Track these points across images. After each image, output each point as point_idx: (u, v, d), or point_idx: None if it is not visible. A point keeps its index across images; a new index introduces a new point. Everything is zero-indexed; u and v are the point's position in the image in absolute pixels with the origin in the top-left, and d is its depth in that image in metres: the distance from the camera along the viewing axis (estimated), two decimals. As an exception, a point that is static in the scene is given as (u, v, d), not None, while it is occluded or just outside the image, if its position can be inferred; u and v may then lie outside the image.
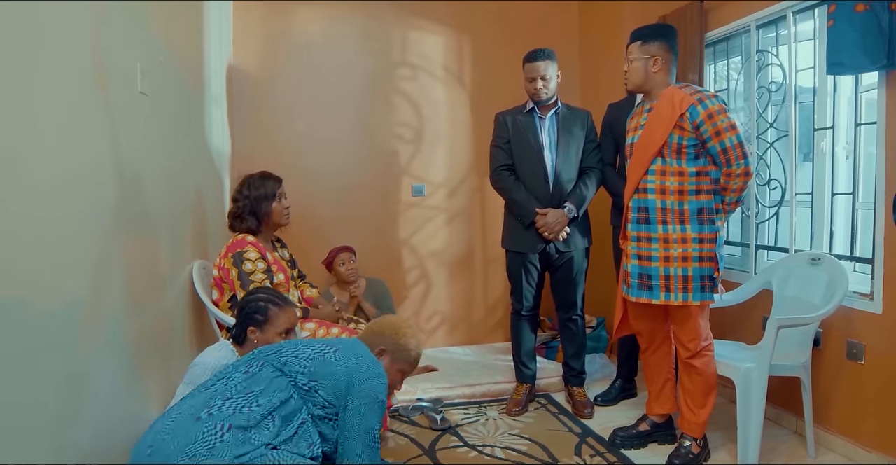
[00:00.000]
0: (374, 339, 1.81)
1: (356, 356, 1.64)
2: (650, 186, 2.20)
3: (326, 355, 1.61)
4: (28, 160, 1.19)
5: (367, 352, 1.71)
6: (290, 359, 1.58)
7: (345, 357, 1.61)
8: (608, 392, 2.93)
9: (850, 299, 2.26)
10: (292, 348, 1.63)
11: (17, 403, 1.11)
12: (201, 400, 1.46)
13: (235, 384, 1.50)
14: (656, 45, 2.21)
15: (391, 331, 1.83)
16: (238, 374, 1.54)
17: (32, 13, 1.21)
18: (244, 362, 1.60)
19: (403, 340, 1.82)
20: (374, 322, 1.90)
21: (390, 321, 1.88)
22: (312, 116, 3.51)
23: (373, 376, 1.61)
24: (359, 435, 1.55)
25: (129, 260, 1.70)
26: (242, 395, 1.47)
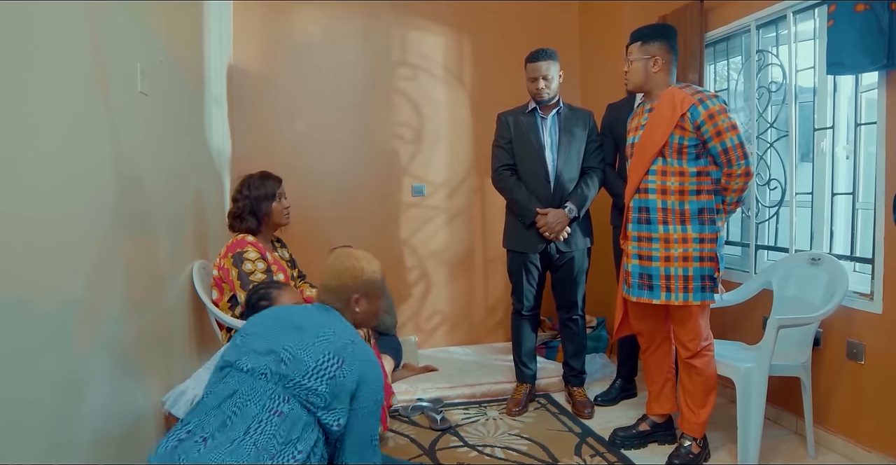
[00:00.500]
0: (342, 294, 1.64)
1: (359, 360, 1.52)
2: (651, 186, 2.20)
3: (336, 374, 1.47)
4: (28, 160, 1.19)
5: (363, 347, 1.56)
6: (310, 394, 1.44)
7: (350, 368, 1.49)
8: (608, 392, 2.93)
9: (850, 299, 2.26)
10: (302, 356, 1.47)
11: (16, 402, 1.11)
12: (247, 459, 1.31)
13: (274, 433, 1.37)
14: (656, 45, 2.21)
15: (350, 276, 1.65)
16: (268, 414, 1.39)
17: (32, 13, 1.21)
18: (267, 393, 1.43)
19: (365, 275, 1.66)
20: (328, 272, 1.67)
21: (342, 266, 1.67)
22: (312, 116, 3.51)
23: (374, 378, 1.55)
24: (362, 438, 1.51)
25: (129, 260, 1.70)
26: (284, 447, 1.36)
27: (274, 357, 1.47)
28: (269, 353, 1.47)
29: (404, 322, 3.68)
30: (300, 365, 1.44)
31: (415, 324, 3.73)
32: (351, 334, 1.58)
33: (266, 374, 1.44)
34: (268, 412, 1.40)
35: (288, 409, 1.41)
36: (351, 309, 1.66)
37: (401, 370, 3.19)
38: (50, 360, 1.25)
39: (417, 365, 3.32)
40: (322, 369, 1.45)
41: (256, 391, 1.42)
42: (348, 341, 1.53)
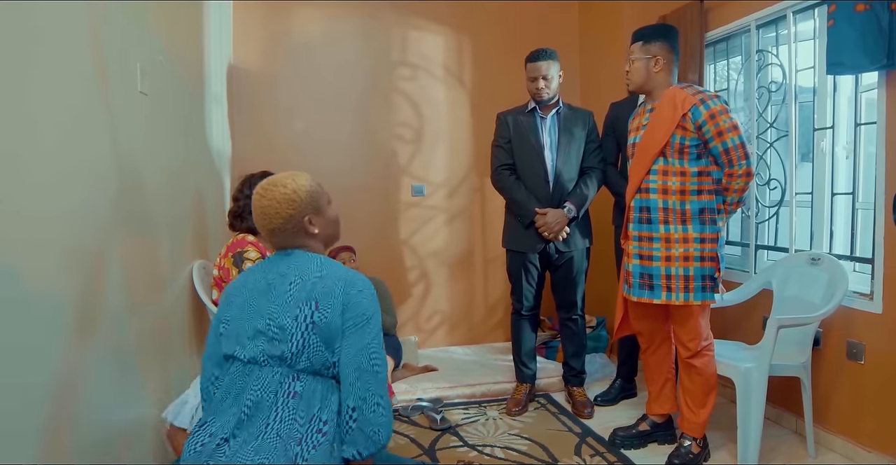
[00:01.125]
0: (291, 227, 1.47)
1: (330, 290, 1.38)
2: (652, 185, 2.20)
3: (316, 319, 1.36)
4: (28, 160, 1.19)
5: (332, 276, 1.41)
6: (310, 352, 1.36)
7: (326, 305, 1.37)
8: (608, 392, 2.93)
9: (850, 298, 2.26)
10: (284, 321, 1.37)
11: (14, 401, 1.11)
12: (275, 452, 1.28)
13: (294, 417, 1.32)
14: (658, 45, 2.21)
15: (288, 205, 1.45)
16: (283, 399, 1.35)
17: (33, 13, 1.21)
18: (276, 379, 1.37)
19: (301, 194, 1.48)
20: (263, 215, 1.47)
21: (273, 201, 1.46)
22: (312, 116, 3.51)
23: (355, 295, 1.38)
24: (355, 360, 1.35)
25: (129, 260, 1.70)
26: (308, 425, 1.32)
27: (263, 338, 1.39)
28: (258, 334, 1.39)
29: (404, 322, 3.69)
30: (286, 333, 1.36)
31: (415, 324, 3.73)
32: (315, 268, 1.43)
33: (266, 360, 1.38)
34: (282, 397, 1.35)
35: (301, 387, 1.36)
36: (309, 234, 1.50)
37: (401, 370, 3.19)
38: (48, 360, 1.25)
39: (417, 365, 3.32)
40: (303, 322, 1.36)
41: (264, 380, 1.37)
42: (315, 279, 1.40)
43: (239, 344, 1.41)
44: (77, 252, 1.39)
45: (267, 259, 1.51)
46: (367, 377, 1.34)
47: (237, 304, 1.44)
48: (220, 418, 1.35)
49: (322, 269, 1.43)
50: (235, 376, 1.40)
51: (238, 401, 1.36)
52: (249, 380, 1.38)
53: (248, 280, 1.47)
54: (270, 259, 1.50)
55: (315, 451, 1.29)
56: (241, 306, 1.43)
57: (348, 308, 1.37)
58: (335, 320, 1.36)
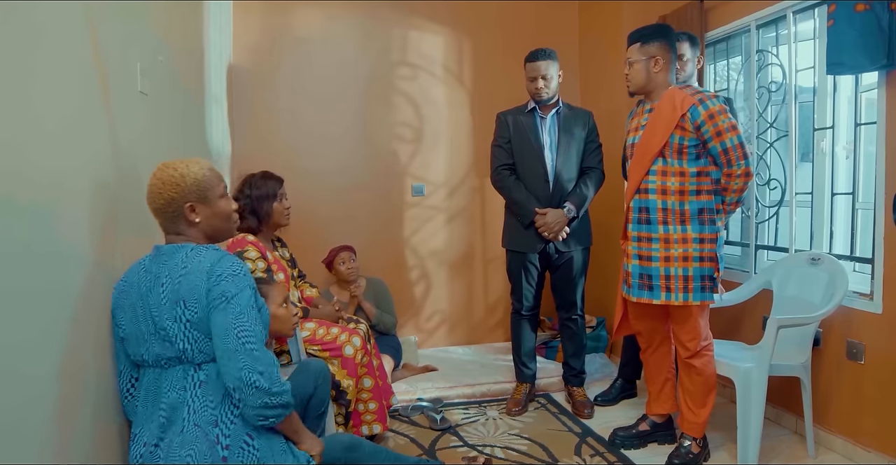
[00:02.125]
0: (172, 211, 1.46)
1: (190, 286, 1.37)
2: (651, 186, 2.20)
3: (190, 317, 1.37)
4: (28, 159, 1.19)
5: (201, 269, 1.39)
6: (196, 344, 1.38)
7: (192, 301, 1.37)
8: (608, 392, 2.93)
9: (850, 298, 2.26)
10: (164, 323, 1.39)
11: (14, 400, 1.11)
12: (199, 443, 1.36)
13: (206, 404, 1.40)
14: (656, 45, 2.21)
15: (172, 188, 1.45)
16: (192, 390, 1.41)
17: (33, 13, 1.21)
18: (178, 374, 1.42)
19: (189, 179, 1.46)
20: (149, 194, 1.49)
21: (159, 181, 1.47)
22: (312, 116, 3.51)
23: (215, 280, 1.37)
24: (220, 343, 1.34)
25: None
26: (220, 407, 1.40)
27: (156, 341, 1.41)
28: (150, 337, 1.41)
29: (404, 322, 3.69)
30: (171, 335, 1.38)
31: (415, 324, 3.73)
32: (181, 264, 1.41)
33: (166, 362, 1.43)
34: (190, 390, 1.40)
35: (205, 374, 1.41)
36: (189, 222, 1.48)
37: (401, 370, 3.19)
38: (47, 359, 1.25)
39: (417, 365, 3.32)
40: (181, 322, 1.37)
41: (169, 379, 1.43)
42: (181, 277, 1.39)
43: (141, 349, 1.44)
44: (77, 252, 1.39)
45: (146, 257, 1.51)
46: (238, 357, 1.33)
47: (126, 307, 1.46)
48: (147, 426, 1.42)
49: (187, 264, 1.41)
50: (148, 381, 1.46)
51: (156, 406, 1.42)
52: (161, 383, 1.43)
53: (131, 282, 1.47)
54: (148, 257, 1.50)
55: (234, 425, 1.36)
56: (130, 309, 1.45)
57: (209, 295, 1.37)
58: (203, 314, 1.37)
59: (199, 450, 1.34)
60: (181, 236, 1.50)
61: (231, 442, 1.36)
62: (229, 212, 1.56)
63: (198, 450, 1.34)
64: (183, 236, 1.50)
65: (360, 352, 2.32)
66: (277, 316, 1.88)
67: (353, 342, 2.31)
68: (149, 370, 1.46)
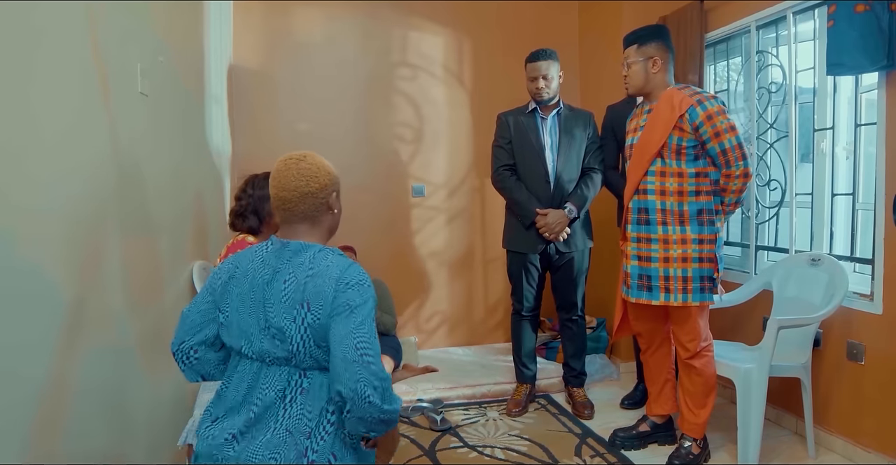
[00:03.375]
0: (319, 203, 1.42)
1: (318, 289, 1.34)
2: (650, 187, 2.20)
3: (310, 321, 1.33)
4: (29, 160, 1.19)
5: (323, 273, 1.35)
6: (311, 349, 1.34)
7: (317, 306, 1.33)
8: (632, 395, 2.90)
9: (850, 299, 2.26)
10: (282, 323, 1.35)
11: (12, 401, 1.11)
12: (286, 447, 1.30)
13: (302, 412, 1.34)
14: (653, 46, 2.21)
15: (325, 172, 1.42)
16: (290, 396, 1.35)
17: (33, 14, 1.21)
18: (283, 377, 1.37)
19: (333, 169, 1.45)
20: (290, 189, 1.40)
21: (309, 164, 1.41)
22: (312, 116, 3.51)
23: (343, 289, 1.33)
24: (343, 350, 1.28)
25: (129, 260, 1.70)
26: (317, 418, 1.34)
27: (266, 337, 1.36)
28: (261, 332, 1.37)
29: (404, 323, 3.68)
30: (286, 335, 1.34)
31: (415, 325, 3.73)
32: (307, 265, 1.37)
33: (271, 359, 1.36)
34: (290, 394, 1.35)
35: (308, 382, 1.35)
36: (327, 213, 1.45)
37: (401, 371, 3.17)
38: (46, 359, 1.25)
39: (417, 366, 3.30)
40: (300, 325, 1.33)
41: (272, 379, 1.36)
42: (307, 278, 1.35)
43: (245, 339, 1.38)
44: (77, 252, 1.39)
45: (262, 247, 1.46)
46: (354, 368, 1.27)
47: (236, 294, 1.40)
48: (232, 414, 1.36)
49: (313, 265, 1.37)
50: (245, 373, 1.39)
51: (248, 400, 1.36)
52: (258, 379, 1.37)
53: (245, 270, 1.42)
54: (267, 249, 1.44)
55: (324, 441, 1.31)
56: (239, 298, 1.40)
57: (334, 302, 1.33)
58: (325, 320, 1.32)
59: (285, 456, 1.29)
60: (314, 230, 1.45)
61: (318, 458, 1.30)
62: (339, 214, 1.53)
63: (284, 456, 1.29)
64: (315, 228, 1.45)
65: (361, 353, 2.32)
66: None
67: (353, 343, 2.31)
68: (248, 362, 1.40)
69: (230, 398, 1.38)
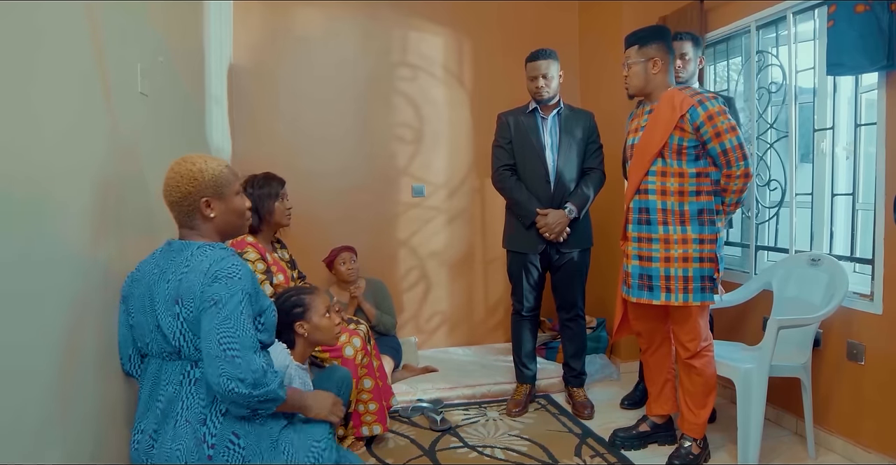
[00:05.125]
0: (187, 205, 1.46)
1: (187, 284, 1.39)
2: (651, 187, 2.20)
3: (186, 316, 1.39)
4: (29, 160, 1.19)
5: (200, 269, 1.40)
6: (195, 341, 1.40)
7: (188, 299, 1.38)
8: (632, 395, 2.90)
9: (851, 299, 2.26)
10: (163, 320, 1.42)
11: (9, 402, 1.11)
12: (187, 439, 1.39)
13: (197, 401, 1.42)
14: (654, 46, 2.21)
15: (190, 182, 1.45)
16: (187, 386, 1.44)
17: (34, 14, 1.21)
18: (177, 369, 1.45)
19: (207, 175, 1.47)
20: (167, 187, 1.49)
21: (178, 175, 1.47)
22: (312, 117, 3.51)
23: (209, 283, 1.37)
24: (203, 347, 1.34)
25: (129, 260, 1.70)
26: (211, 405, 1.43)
27: (158, 335, 1.44)
28: (153, 331, 1.45)
29: (404, 323, 3.68)
30: (170, 331, 1.42)
31: (415, 325, 3.73)
32: (184, 262, 1.42)
33: (167, 355, 1.46)
34: (186, 386, 1.43)
35: (200, 373, 1.43)
36: (203, 216, 1.48)
37: (401, 371, 3.19)
38: (45, 359, 1.25)
39: (417, 366, 3.31)
40: (178, 321, 1.39)
41: (168, 372, 1.46)
42: (182, 274, 1.40)
43: (146, 338, 1.47)
44: (77, 252, 1.39)
45: (158, 250, 1.54)
46: (217, 363, 1.32)
47: (135, 296, 1.49)
48: (147, 415, 1.45)
49: (190, 262, 1.42)
50: (151, 371, 1.49)
51: (155, 396, 1.45)
52: (161, 375, 1.46)
53: (143, 272, 1.50)
54: (159, 250, 1.52)
55: (221, 424, 1.39)
56: (139, 299, 1.48)
57: (202, 296, 1.37)
58: (196, 314, 1.38)
59: (186, 447, 1.38)
60: (194, 232, 1.51)
61: (217, 441, 1.39)
62: (243, 209, 1.57)
63: (185, 447, 1.37)
64: (196, 231, 1.51)
65: (360, 353, 2.32)
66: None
67: (353, 343, 2.31)
68: (152, 360, 1.50)
69: (143, 399, 1.48)
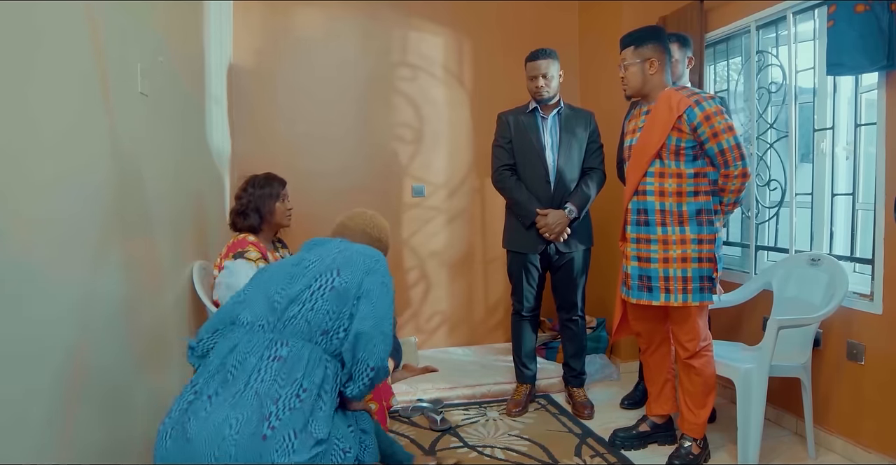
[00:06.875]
0: (371, 244, 1.76)
1: (356, 264, 1.55)
2: (649, 187, 2.20)
3: (335, 284, 1.49)
4: (29, 160, 1.19)
5: (363, 250, 1.62)
6: (311, 315, 1.45)
7: (350, 272, 1.51)
8: (632, 395, 2.90)
9: (850, 299, 2.26)
10: (295, 292, 1.49)
11: (12, 403, 1.11)
12: (250, 411, 1.30)
13: (275, 378, 1.36)
14: (650, 47, 2.21)
15: (385, 235, 1.86)
16: (266, 362, 1.39)
17: (33, 14, 1.21)
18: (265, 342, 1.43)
19: (388, 240, 1.88)
20: (365, 222, 1.88)
21: (379, 223, 1.88)
22: (313, 117, 3.51)
23: (376, 270, 1.56)
24: (377, 325, 1.46)
25: (129, 260, 1.70)
26: (288, 388, 1.35)
27: (268, 305, 1.49)
28: (265, 301, 1.50)
29: (404, 323, 3.68)
30: (294, 299, 1.48)
31: (415, 325, 3.73)
32: (335, 247, 1.62)
33: (263, 325, 1.46)
34: (266, 359, 1.40)
35: (287, 351, 1.41)
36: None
37: (401, 371, 3.17)
38: (46, 360, 1.25)
39: (417, 366, 3.30)
40: (319, 288, 1.49)
41: (254, 343, 1.43)
42: (336, 253, 1.57)
43: (247, 309, 1.51)
44: (77, 253, 1.39)
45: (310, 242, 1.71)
46: (388, 342, 1.47)
47: (257, 280, 1.59)
48: (209, 378, 1.40)
49: (341, 245, 1.62)
50: (230, 338, 1.47)
51: (226, 361, 1.42)
52: (241, 341, 1.44)
53: (279, 263, 1.64)
54: (311, 242, 1.70)
55: (290, 413, 1.32)
56: (259, 280, 1.58)
57: (371, 274, 1.51)
58: (353, 287, 1.49)
59: (246, 417, 1.29)
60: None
61: (278, 426, 1.30)
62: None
63: (245, 417, 1.29)
64: None
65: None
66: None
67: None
68: (237, 328, 1.49)
69: (211, 366, 1.43)
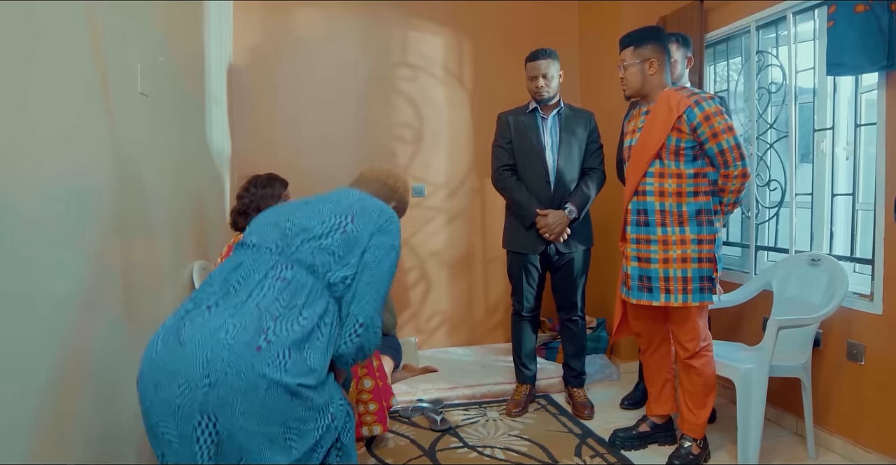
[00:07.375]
0: (387, 194, 1.78)
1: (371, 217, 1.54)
2: (649, 188, 2.20)
3: (347, 228, 1.48)
4: (29, 161, 1.19)
5: (381, 205, 1.60)
6: (317, 251, 1.44)
7: (363, 221, 1.51)
8: (632, 395, 2.90)
9: (851, 299, 2.26)
10: (308, 224, 1.48)
11: (10, 403, 1.11)
12: (249, 320, 1.29)
13: (277, 297, 1.35)
14: (649, 47, 2.21)
15: (403, 187, 1.84)
16: (270, 280, 1.38)
17: (33, 14, 1.21)
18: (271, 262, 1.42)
19: (407, 195, 1.86)
20: (382, 172, 1.85)
21: (397, 174, 1.86)
22: (313, 116, 3.51)
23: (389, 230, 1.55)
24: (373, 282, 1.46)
25: (129, 260, 1.70)
26: (288, 311, 1.33)
27: (279, 231, 1.49)
28: (274, 227, 1.50)
29: (404, 323, 3.68)
30: (305, 232, 1.47)
31: (415, 325, 3.73)
32: (356, 194, 1.61)
33: (270, 248, 1.46)
34: (270, 278, 1.39)
35: (291, 275, 1.40)
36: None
37: (401, 371, 3.19)
38: (46, 360, 1.25)
39: (417, 366, 3.31)
40: (331, 227, 1.48)
41: (260, 262, 1.43)
42: (355, 199, 1.57)
43: (255, 233, 1.52)
44: (77, 253, 1.39)
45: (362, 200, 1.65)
46: (381, 301, 1.46)
47: (264, 215, 1.59)
48: (209, 290, 1.39)
49: (362, 196, 1.61)
50: (235, 257, 1.48)
51: (230, 277, 1.41)
52: (246, 260, 1.44)
53: (292, 201, 1.64)
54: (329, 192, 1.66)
55: (287, 333, 1.31)
56: (268, 214, 1.58)
57: (380, 232, 1.51)
58: (363, 236, 1.48)
59: (244, 325, 1.28)
60: None
61: (273, 341, 1.28)
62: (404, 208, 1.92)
63: (243, 325, 1.28)
64: None
65: (361, 353, 2.32)
66: None
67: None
68: (244, 250, 1.49)
69: (214, 277, 1.43)
